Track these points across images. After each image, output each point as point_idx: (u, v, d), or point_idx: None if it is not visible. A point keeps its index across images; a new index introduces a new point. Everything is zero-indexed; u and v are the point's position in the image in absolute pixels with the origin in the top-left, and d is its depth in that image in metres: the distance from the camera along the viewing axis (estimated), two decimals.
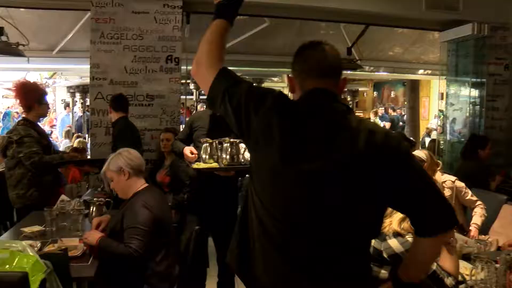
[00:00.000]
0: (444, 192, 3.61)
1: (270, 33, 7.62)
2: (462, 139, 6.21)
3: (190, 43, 5.70)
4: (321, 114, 1.52)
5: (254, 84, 1.66)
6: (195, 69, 1.70)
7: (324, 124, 1.50)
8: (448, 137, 6.69)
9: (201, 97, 11.12)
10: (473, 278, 2.29)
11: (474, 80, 6.23)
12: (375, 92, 19.73)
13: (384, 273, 2.29)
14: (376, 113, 14.23)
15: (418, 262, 1.63)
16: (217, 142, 3.22)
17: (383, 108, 15.98)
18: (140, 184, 2.82)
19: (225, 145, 3.17)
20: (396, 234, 2.26)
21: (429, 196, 1.48)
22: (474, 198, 3.64)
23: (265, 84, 17.50)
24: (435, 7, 5.76)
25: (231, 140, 3.17)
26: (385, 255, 2.28)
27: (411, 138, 7.98)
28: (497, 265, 2.28)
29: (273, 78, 17.32)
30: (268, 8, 5.62)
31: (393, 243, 2.25)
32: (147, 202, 2.66)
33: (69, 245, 2.67)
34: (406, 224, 2.27)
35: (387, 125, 14.08)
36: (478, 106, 6.27)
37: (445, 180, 3.66)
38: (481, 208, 3.58)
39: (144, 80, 4.94)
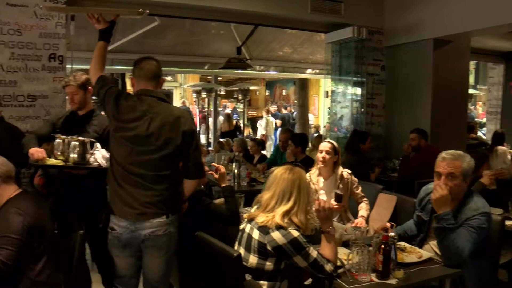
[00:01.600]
0: (344, 181, 3.85)
1: (160, 32, 7.54)
2: (348, 135, 6.60)
3: (76, 41, 5.46)
4: (141, 105, 2.64)
5: (112, 87, 2.75)
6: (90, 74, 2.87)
7: (140, 110, 2.62)
8: (334, 133, 7.08)
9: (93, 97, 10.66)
10: (350, 262, 2.46)
11: (355, 79, 6.67)
12: (267, 91, 20.27)
13: (269, 265, 2.40)
14: (268, 111, 14.60)
15: (186, 192, 2.80)
16: (69, 139, 3.14)
17: (275, 106, 16.43)
18: (12, 190, 2.58)
19: (73, 143, 3.09)
20: (279, 227, 2.36)
21: (196, 159, 2.72)
22: (362, 194, 3.90)
23: None
24: (319, 10, 6.08)
25: (80, 138, 3.11)
26: (269, 248, 2.36)
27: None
28: (371, 248, 2.48)
29: (165, 77, 17.14)
30: (157, 7, 5.52)
31: (276, 235, 2.35)
32: (21, 208, 2.46)
33: None
34: (288, 218, 2.41)
35: (278, 122, 14.54)
36: (360, 104, 6.72)
37: (344, 172, 3.89)
38: (367, 203, 3.85)
39: (24, 79, 4.57)
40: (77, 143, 3.11)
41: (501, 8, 5.08)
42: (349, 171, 3.93)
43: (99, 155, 3.17)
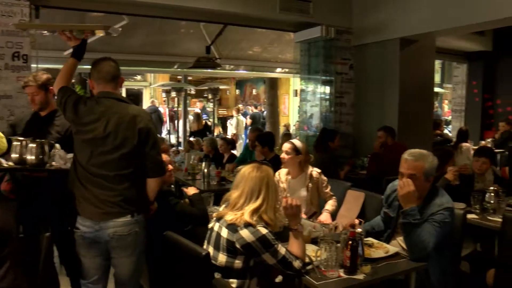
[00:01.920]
0: (313, 180, 3.86)
1: (129, 31, 7.45)
2: (318, 133, 6.66)
3: (42, 40, 5.35)
4: (98, 107, 2.68)
5: (71, 95, 2.78)
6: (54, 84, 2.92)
7: (98, 112, 2.67)
8: (304, 131, 7.14)
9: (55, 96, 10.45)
10: (319, 258, 2.49)
11: (324, 78, 6.74)
12: (237, 90, 20.28)
13: (238, 263, 2.41)
14: (238, 110, 14.61)
15: (150, 192, 2.79)
16: (27, 141, 3.08)
17: (241, 105, 16.47)
18: None
19: (30, 145, 3.04)
20: (247, 225, 2.37)
21: (154, 157, 2.71)
22: (331, 193, 3.94)
23: (127, 83, 17.09)
24: (288, 9, 6.12)
25: (37, 140, 3.07)
26: (238, 246, 2.37)
27: None
28: (339, 245, 2.52)
29: (135, 77, 16.98)
30: (126, 5, 5.48)
31: (245, 233, 2.36)
32: None
33: None
34: (257, 216, 2.42)
35: (249, 121, 14.58)
36: (329, 102, 6.79)
37: (313, 171, 3.92)
38: (334, 200, 3.90)
39: None
40: (35, 145, 3.05)
41: (463, 10, 5.26)
42: (319, 171, 3.95)
43: (58, 157, 3.11)
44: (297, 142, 3.93)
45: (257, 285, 2.47)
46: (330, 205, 3.82)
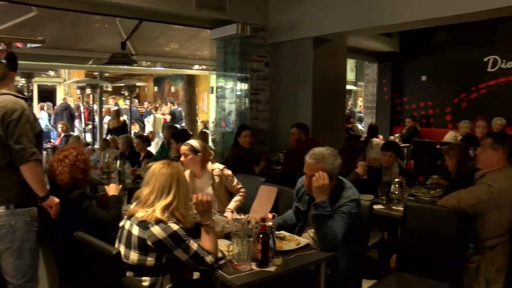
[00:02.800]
0: (215, 178, 3.88)
1: (39, 23, 7.09)
2: (236, 130, 6.69)
3: None
4: None
5: None
6: None
7: None
8: (221, 128, 7.17)
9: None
10: (231, 253, 2.52)
11: (240, 75, 6.80)
12: (155, 87, 19.96)
13: (150, 260, 2.38)
14: (156, 108, 14.40)
15: (33, 184, 2.76)
16: None
17: (144, 103, 16.30)
18: None
19: None
20: (158, 221, 2.35)
21: (15, 147, 2.67)
22: (239, 186, 3.96)
23: (40, 79, 16.25)
24: (204, 6, 6.10)
25: None
26: (149, 243, 2.35)
27: None
28: (251, 239, 2.57)
29: (48, 73, 16.18)
30: None
31: (156, 230, 2.34)
32: None
33: None
34: (169, 212, 2.42)
35: (168, 118, 14.40)
36: (245, 99, 6.86)
37: (214, 168, 3.90)
38: (241, 195, 3.93)
39: None
40: None
41: (371, 13, 5.54)
42: (221, 167, 3.95)
43: None
44: (193, 142, 3.87)
45: (170, 282, 2.46)
46: (234, 201, 3.85)
